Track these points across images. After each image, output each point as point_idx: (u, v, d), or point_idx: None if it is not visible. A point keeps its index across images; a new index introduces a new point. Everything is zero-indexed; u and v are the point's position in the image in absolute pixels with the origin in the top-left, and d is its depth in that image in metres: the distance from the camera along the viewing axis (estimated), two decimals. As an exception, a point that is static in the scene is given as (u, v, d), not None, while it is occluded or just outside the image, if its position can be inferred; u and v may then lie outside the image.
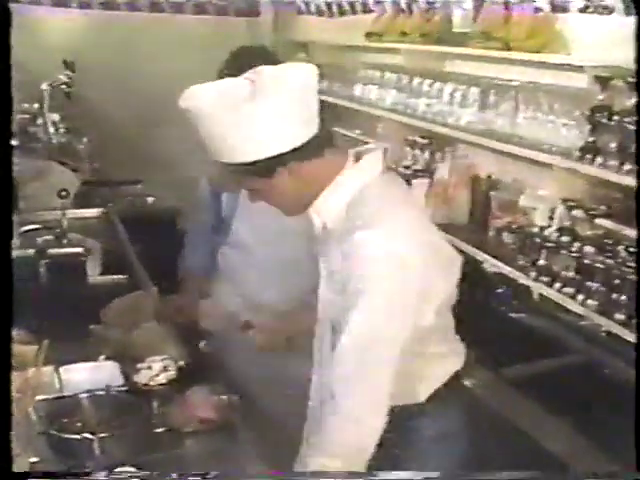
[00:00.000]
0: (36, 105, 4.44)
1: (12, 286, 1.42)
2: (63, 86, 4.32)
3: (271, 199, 1.69)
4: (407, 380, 1.66)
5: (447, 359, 1.84)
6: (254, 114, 1.52)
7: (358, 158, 1.68)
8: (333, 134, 1.72)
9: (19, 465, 1.48)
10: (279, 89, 1.55)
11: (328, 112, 4.81)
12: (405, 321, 1.58)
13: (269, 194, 1.66)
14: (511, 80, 3.25)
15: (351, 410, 1.55)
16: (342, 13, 5.02)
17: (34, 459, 1.58)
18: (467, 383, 2.67)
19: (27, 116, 4.46)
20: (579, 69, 2.77)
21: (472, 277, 3.38)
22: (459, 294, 3.35)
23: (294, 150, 1.57)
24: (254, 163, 1.57)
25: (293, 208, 1.72)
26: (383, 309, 1.55)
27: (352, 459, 1.54)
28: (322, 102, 1.65)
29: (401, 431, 1.71)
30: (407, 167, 3.81)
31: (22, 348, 1.57)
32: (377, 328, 1.55)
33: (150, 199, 4.47)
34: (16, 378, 1.49)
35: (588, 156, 2.67)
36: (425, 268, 1.58)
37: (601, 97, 2.64)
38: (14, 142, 3.56)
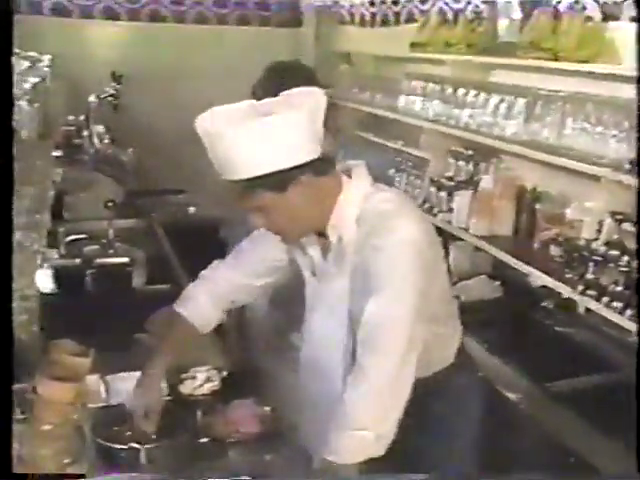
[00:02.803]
0: (82, 117, 4.51)
1: (11, 287, 1.42)
2: (110, 98, 4.37)
3: (279, 218, 1.72)
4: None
5: (453, 337, 2.04)
6: (271, 127, 1.59)
7: (349, 174, 1.80)
8: (334, 157, 1.83)
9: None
10: (295, 106, 1.64)
11: (371, 122, 4.82)
12: (420, 303, 1.69)
13: (279, 212, 1.69)
14: (558, 91, 3.20)
15: (376, 387, 1.66)
16: (385, 23, 5.02)
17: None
18: (512, 396, 2.66)
19: (73, 128, 4.54)
20: (630, 79, 2.72)
21: (517, 290, 3.37)
22: (503, 307, 3.35)
23: (306, 165, 1.65)
24: (269, 176, 1.62)
25: (299, 229, 1.78)
26: (404, 294, 1.67)
27: (379, 428, 1.66)
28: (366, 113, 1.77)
29: (441, 390, 1.94)
30: (450, 178, 3.77)
31: (74, 360, 1.58)
32: (400, 310, 1.67)
33: (192, 209, 4.51)
34: (68, 390, 1.50)
35: (637, 169, 2.62)
36: (432, 252, 1.75)
37: (652, 108, 2.58)
38: (59, 153, 3.63)
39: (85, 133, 4.42)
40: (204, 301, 2.06)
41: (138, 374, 2.22)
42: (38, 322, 2.04)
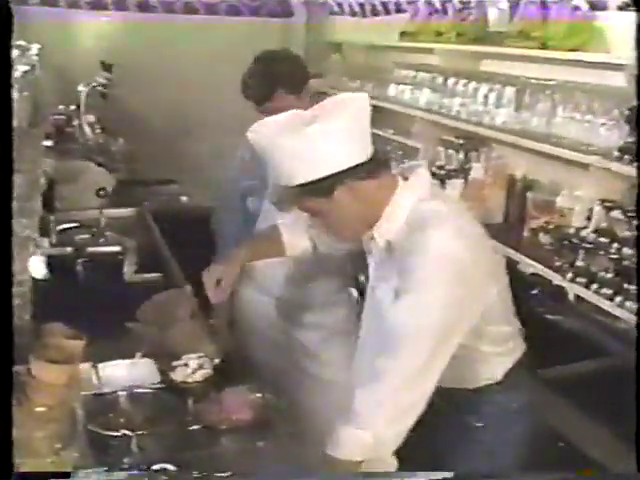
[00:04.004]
0: (72, 107, 4.49)
1: (12, 280, 1.43)
2: (100, 87, 4.35)
3: (331, 221, 1.77)
4: (466, 366, 1.83)
5: (504, 357, 1.95)
6: (313, 136, 1.64)
7: (405, 177, 1.79)
8: (388, 158, 1.87)
9: (63, 460, 1.50)
10: (336, 113, 1.67)
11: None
12: (450, 318, 1.66)
13: (329, 215, 1.74)
14: (548, 79, 3.22)
15: (385, 391, 1.64)
16: (375, 14, 5.02)
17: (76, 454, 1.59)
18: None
19: (63, 117, 4.52)
20: (618, 67, 2.74)
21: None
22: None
23: (351, 169, 1.67)
24: (315, 182, 1.67)
25: (350, 231, 1.82)
26: (429, 305, 1.64)
27: (384, 436, 1.63)
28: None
29: (480, 405, 1.92)
30: (441, 167, 3.79)
31: (68, 342, 1.59)
32: (421, 320, 1.64)
33: (184, 198, 4.51)
34: (62, 372, 1.51)
35: (627, 156, 2.64)
36: (477, 271, 1.70)
37: (641, 96, 2.60)
38: (49, 143, 3.61)
39: (75, 122, 4.40)
40: (301, 227, 2.16)
41: (129, 362, 2.24)
42: (31, 307, 2.04)
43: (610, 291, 2.64)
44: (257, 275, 2.65)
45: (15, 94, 2.52)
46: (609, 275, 2.66)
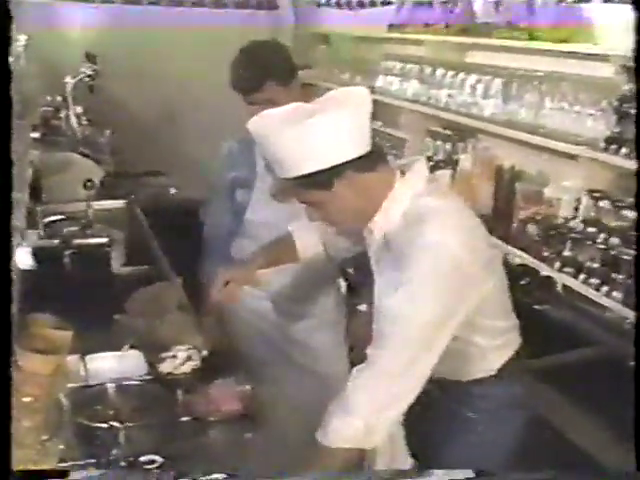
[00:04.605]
0: (59, 98, 4.47)
1: (11, 285, 1.42)
2: (86, 79, 4.33)
3: (330, 212, 1.78)
4: (462, 359, 1.85)
5: (500, 350, 1.94)
6: (314, 129, 1.65)
7: (403, 172, 1.80)
8: (385, 152, 1.85)
9: (48, 451, 1.50)
10: (337, 106, 1.69)
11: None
12: (443, 311, 1.67)
13: (328, 207, 1.75)
14: (535, 70, 3.23)
15: (376, 379, 1.66)
16: (362, 6, 5.01)
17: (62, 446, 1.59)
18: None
19: (50, 109, 4.50)
20: (605, 58, 2.75)
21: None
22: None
23: (351, 162, 1.68)
24: (315, 174, 1.68)
25: (349, 222, 1.83)
26: (421, 297, 1.66)
27: (374, 424, 1.64)
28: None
29: (475, 397, 1.92)
30: (429, 158, 3.79)
31: (55, 333, 1.58)
32: (413, 311, 1.66)
33: (172, 190, 4.49)
34: (48, 362, 1.51)
35: (614, 147, 2.66)
36: (472, 266, 1.70)
37: (627, 87, 2.61)
38: (36, 135, 3.59)
39: (62, 114, 4.38)
40: (313, 231, 2.17)
41: (117, 354, 2.24)
42: (17, 298, 2.02)
43: (598, 281, 2.66)
44: None
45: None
46: (596, 265, 2.68)
